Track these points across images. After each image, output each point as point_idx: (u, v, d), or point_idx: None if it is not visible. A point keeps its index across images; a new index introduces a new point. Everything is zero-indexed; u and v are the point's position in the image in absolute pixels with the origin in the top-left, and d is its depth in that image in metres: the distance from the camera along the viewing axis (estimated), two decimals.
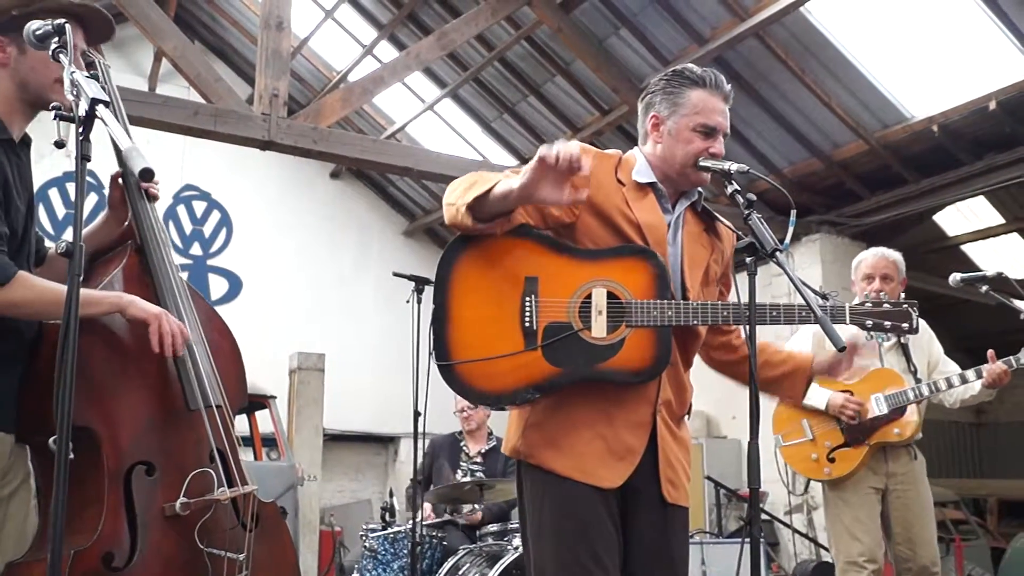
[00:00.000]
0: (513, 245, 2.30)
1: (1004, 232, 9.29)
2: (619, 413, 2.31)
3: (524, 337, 2.23)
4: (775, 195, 7.66)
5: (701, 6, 6.92)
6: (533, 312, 2.25)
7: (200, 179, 11.11)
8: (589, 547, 2.22)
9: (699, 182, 2.46)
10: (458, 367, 2.23)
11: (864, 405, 3.93)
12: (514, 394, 2.24)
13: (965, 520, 8.68)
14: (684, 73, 2.45)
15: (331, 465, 10.84)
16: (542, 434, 2.31)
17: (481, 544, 4.68)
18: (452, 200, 2.26)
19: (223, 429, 2.41)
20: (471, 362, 2.23)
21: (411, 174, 7.46)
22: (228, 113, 6.03)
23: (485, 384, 2.25)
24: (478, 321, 2.26)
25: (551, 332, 2.24)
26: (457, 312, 2.26)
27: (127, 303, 2.26)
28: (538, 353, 2.23)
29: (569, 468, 2.26)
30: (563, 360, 2.23)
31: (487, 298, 2.27)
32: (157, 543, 2.24)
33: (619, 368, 2.25)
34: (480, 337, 2.25)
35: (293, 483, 7.75)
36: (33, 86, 2.26)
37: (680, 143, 2.41)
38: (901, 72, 6.74)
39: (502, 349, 2.23)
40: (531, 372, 2.23)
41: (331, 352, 9.39)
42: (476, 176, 2.27)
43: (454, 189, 2.29)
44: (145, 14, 6.02)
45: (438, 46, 7.30)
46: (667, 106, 2.43)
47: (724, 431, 9.22)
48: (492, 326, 2.25)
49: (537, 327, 2.24)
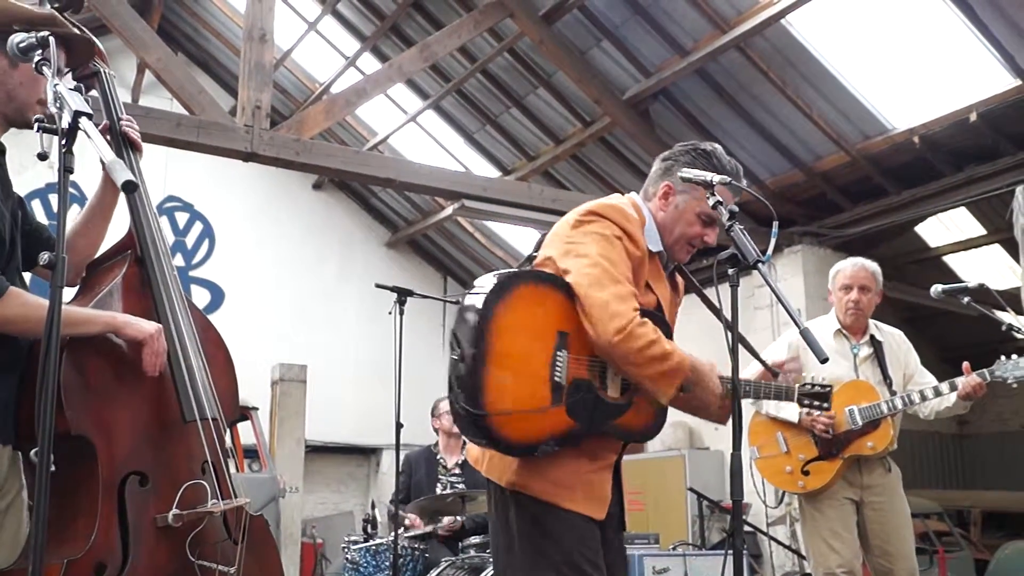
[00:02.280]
0: (548, 298, 2.34)
1: (986, 243, 9.37)
2: (601, 455, 2.42)
3: (552, 391, 2.28)
4: (757, 206, 7.69)
5: (683, 18, 6.95)
6: (563, 368, 2.30)
7: (183, 190, 11.07)
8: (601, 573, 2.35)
9: (681, 260, 2.56)
10: (488, 417, 2.24)
11: (837, 418, 3.91)
12: (539, 445, 2.28)
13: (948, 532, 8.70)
14: (711, 156, 2.51)
15: (313, 477, 10.79)
16: (546, 473, 2.35)
17: (463, 556, 4.65)
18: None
19: (217, 441, 2.41)
20: (504, 414, 2.25)
21: (394, 185, 7.46)
22: (211, 125, 6.01)
23: (513, 434, 2.27)
24: (513, 371, 2.28)
25: (575, 388, 2.31)
26: (492, 361, 2.26)
27: (122, 323, 2.26)
28: (563, 407, 2.29)
29: (570, 501, 2.34)
30: (581, 415, 2.31)
31: (522, 348, 2.30)
32: (149, 554, 2.23)
33: (624, 427, 2.40)
34: (514, 388, 2.26)
35: (275, 495, 7.70)
36: (17, 101, 2.26)
37: (681, 222, 2.50)
38: (882, 84, 6.79)
39: (533, 401, 2.27)
40: (555, 425, 2.29)
41: (313, 363, 9.35)
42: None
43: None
44: (128, 26, 6.00)
45: (420, 58, 7.31)
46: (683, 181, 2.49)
47: (707, 442, 9.23)
48: (525, 377, 2.28)
49: (565, 382, 2.30)
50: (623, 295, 2.28)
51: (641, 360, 2.26)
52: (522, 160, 9.55)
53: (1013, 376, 3.69)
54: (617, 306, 2.25)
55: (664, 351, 2.27)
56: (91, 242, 2.53)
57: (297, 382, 8.97)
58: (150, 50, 6.10)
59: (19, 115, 2.26)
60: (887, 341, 4.13)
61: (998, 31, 5.89)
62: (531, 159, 9.39)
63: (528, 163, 9.40)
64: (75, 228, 2.52)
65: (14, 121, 2.29)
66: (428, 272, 12.85)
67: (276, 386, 8.94)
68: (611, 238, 2.36)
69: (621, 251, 2.36)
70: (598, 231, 2.38)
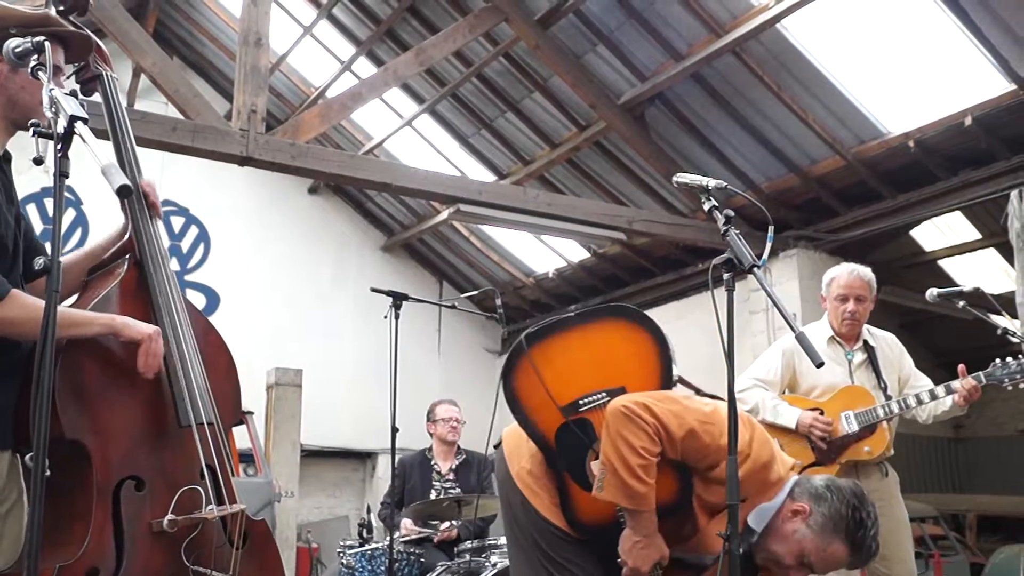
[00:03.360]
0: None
1: (981, 247, 9.38)
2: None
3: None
4: (753, 211, 7.70)
5: (678, 23, 6.96)
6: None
7: (178, 195, 11.05)
8: None
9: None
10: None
11: (833, 424, 3.90)
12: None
13: (944, 535, 8.71)
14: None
15: (308, 481, 10.76)
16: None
17: (459, 561, 4.64)
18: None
19: (214, 446, 2.40)
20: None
21: (389, 190, 7.45)
22: (206, 129, 6.01)
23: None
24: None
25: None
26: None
27: (120, 325, 2.25)
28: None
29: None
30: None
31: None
32: (144, 559, 2.22)
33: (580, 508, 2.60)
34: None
35: (271, 499, 7.70)
36: (21, 105, 2.26)
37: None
38: (877, 88, 6.80)
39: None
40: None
41: (309, 368, 9.35)
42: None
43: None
44: (124, 30, 5.99)
45: (416, 62, 7.31)
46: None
47: None
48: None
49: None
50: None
51: (619, 443, 2.33)
52: (517, 164, 9.55)
53: (1008, 379, 3.70)
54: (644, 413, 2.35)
55: (641, 472, 2.32)
56: (78, 280, 2.50)
57: (292, 386, 8.97)
58: (146, 54, 6.10)
59: (24, 119, 2.26)
60: (880, 346, 4.13)
61: (993, 35, 5.91)
62: (526, 163, 9.40)
63: (523, 167, 9.41)
64: (74, 259, 2.51)
65: (19, 123, 2.29)
66: (424, 276, 12.84)
67: (271, 390, 8.94)
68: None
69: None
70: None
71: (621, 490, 2.32)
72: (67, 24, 2.35)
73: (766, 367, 4.15)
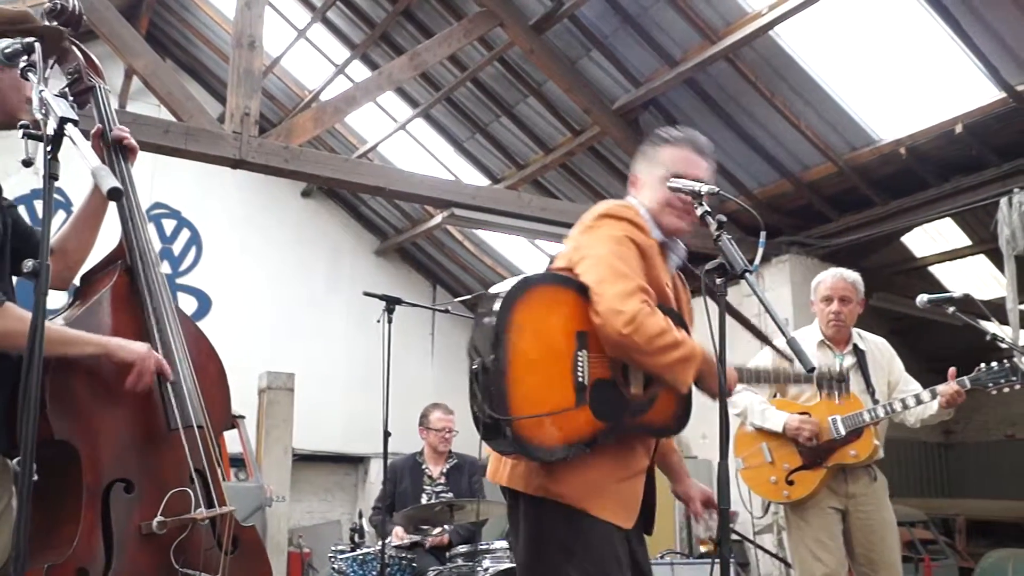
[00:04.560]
0: (565, 299, 2.34)
1: (971, 254, 9.42)
2: (631, 460, 2.42)
3: (576, 392, 2.28)
4: (745, 216, 7.70)
5: (672, 29, 6.98)
6: (585, 368, 2.30)
7: (170, 197, 11.03)
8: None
9: (678, 228, 2.55)
10: (516, 422, 2.22)
11: (821, 427, 3.93)
12: (569, 448, 2.27)
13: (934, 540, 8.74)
14: (666, 134, 2.61)
15: (300, 485, 10.74)
16: (577, 477, 2.32)
17: (451, 565, 4.64)
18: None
19: (204, 450, 2.42)
20: (531, 417, 2.23)
21: (383, 194, 7.45)
22: (199, 131, 6.00)
23: (542, 438, 2.24)
24: (536, 374, 2.27)
25: (598, 387, 2.31)
26: (515, 365, 2.25)
27: (115, 347, 2.28)
28: (587, 407, 2.28)
29: (600, 508, 2.33)
30: (608, 414, 2.31)
31: (542, 351, 2.30)
32: (132, 561, 2.24)
33: (650, 423, 2.42)
34: (538, 391, 2.26)
35: (262, 504, 7.67)
36: (7, 104, 2.26)
37: (653, 193, 2.56)
38: (869, 95, 6.83)
39: (557, 403, 2.26)
40: (582, 426, 2.28)
41: (301, 371, 9.32)
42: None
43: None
44: (116, 32, 5.97)
45: (411, 66, 7.31)
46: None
47: (695, 451, 9.23)
48: (549, 380, 2.28)
49: (588, 383, 2.29)
50: (630, 290, 2.28)
51: (652, 350, 2.26)
52: (512, 169, 9.56)
53: (992, 383, 3.72)
54: (624, 300, 2.25)
55: (675, 339, 2.28)
56: (80, 246, 2.54)
57: (285, 390, 8.94)
58: (138, 56, 6.08)
59: (11, 118, 2.27)
60: (870, 350, 4.15)
61: (983, 44, 5.94)
62: (521, 168, 9.40)
63: (518, 172, 9.41)
64: (65, 232, 2.53)
65: (7, 126, 2.29)
66: (417, 280, 12.83)
67: (263, 394, 8.91)
68: (621, 238, 2.38)
69: (632, 249, 2.38)
70: (608, 232, 2.40)
71: (690, 368, 2.31)
72: (38, 20, 2.37)
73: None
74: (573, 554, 2.29)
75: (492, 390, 2.22)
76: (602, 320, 2.26)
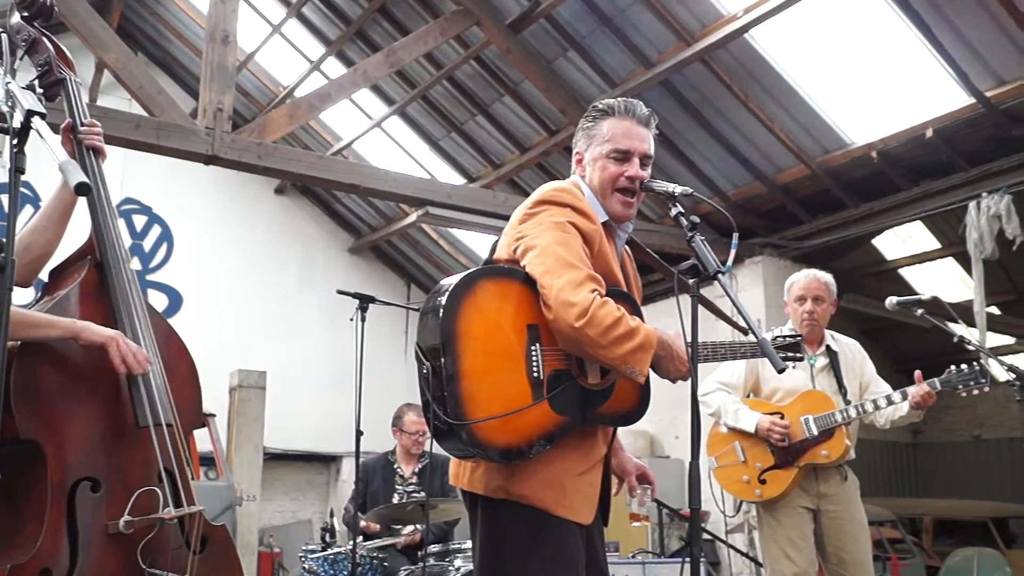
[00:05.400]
0: (512, 292, 2.27)
1: (940, 256, 9.55)
2: (590, 452, 2.35)
3: (532, 387, 2.21)
4: (719, 217, 7.76)
5: (649, 30, 7.01)
6: (539, 362, 2.23)
7: (141, 193, 10.92)
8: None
9: (622, 213, 2.47)
10: (473, 425, 2.14)
11: (792, 427, 3.96)
12: (530, 447, 2.20)
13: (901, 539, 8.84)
14: (605, 108, 2.53)
15: (271, 484, 10.68)
16: (537, 475, 2.26)
17: (423, 564, 4.62)
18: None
19: (172, 448, 2.39)
20: (490, 419, 2.15)
21: (358, 191, 7.42)
22: (171, 127, 5.94)
23: (502, 439, 2.16)
24: (489, 373, 2.19)
25: (554, 380, 2.24)
26: (467, 366, 2.17)
27: (80, 329, 2.25)
28: (545, 403, 2.21)
29: (562, 507, 2.27)
30: (567, 408, 2.24)
31: (494, 349, 2.22)
32: (98, 561, 2.21)
33: (611, 412, 2.33)
34: (493, 390, 2.18)
35: (232, 503, 7.62)
36: None
37: (599, 174, 2.47)
38: (842, 99, 6.90)
39: (514, 401, 2.17)
40: (542, 422, 2.21)
41: (273, 370, 9.27)
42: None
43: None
44: (87, 24, 5.91)
45: (386, 63, 7.29)
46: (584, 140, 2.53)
47: (667, 451, 9.28)
48: (502, 378, 2.20)
49: (543, 377, 2.23)
50: (579, 279, 2.20)
51: (607, 342, 2.16)
52: (487, 168, 9.55)
53: (962, 385, 3.77)
54: (574, 291, 2.17)
55: (629, 328, 2.19)
56: (48, 240, 2.51)
57: (256, 388, 8.89)
58: (109, 49, 6.01)
59: None
60: (842, 351, 4.20)
61: (954, 50, 6.01)
62: (496, 167, 9.40)
63: (493, 171, 9.41)
64: (33, 225, 2.50)
65: None
66: (391, 279, 12.79)
67: (235, 392, 8.85)
68: (563, 224, 2.30)
69: (575, 235, 2.30)
70: (549, 219, 2.32)
71: (646, 356, 2.19)
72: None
73: (730, 371, 4.23)
74: (531, 557, 2.24)
75: (445, 395, 2.14)
76: (554, 315, 2.18)
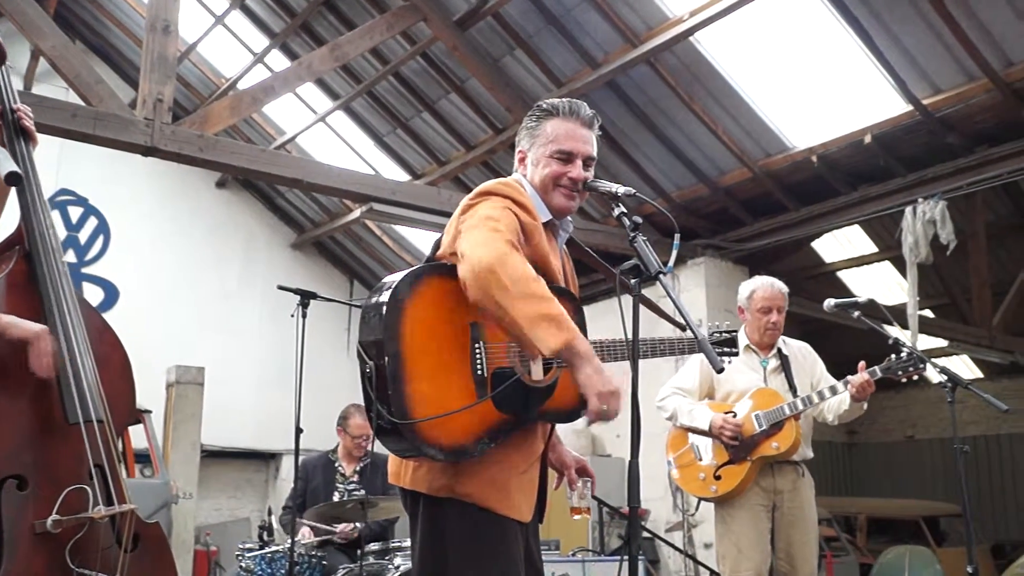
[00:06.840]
0: (453, 289, 2.22)
1: (877, 260, 9.77)
2: (531, 449, 2.34)
3: (476, 386, 2.19)
4: (661, 218, 7.77)
5: (595, 31, 7.04)
6: (483, 360, 2.21)
7: (77, 184, 10.66)
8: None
9: (564, 207, 2.47)
10: (418, 424, 2.11)
11: (744, 424, 4.05)
12: (475, 445, 2.17)
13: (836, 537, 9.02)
14: (549, 108, 2.54)
15: (209, 482, 10.51)
16: (482, 474, 2.23)
17: (362, 563, 4.58)
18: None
19: (103, 445, 2.33)
20: (434, 418, 2.12)
21: (301, 186, 7.32)
22: (109, 116, 5.80)
23: (446, 438, 2.14)
24: (433, 373, 2.16)
25: (498, 378, 2.21)
26: (411, 365, 2.14)
27: (5, 324, 2.21)
28: (490, 401, 2.19)
29: (505, 506, 2.25)
30: (510, 405, 2.22)
31: (438, 347, 2.19)
32: (25, 561, 2.16)
33: (555, 409, 2.31)
34: (436, 389, 2.15)
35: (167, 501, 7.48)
36: None
37: (541, 171, 2.48)
38: (784, 103, 7.00)
39: (458, 400, 2.15)
40: (486, 421, 2.19)
41: (212, 366, 9.12)
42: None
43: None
44: (21, 10, 5.73)
45: (331, 58, 7.21)
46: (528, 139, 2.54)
47: (608, 450, 9.34)
48: (446, 376, 2.17)
49: (487, 374, 2.21)
50: (497, 234, 2.14)
51: (517, 293, 2.05)
52: (432, 165, 9.51)
53: (901, 371, 3.90)
54: (489, 240, 2.12)
55: (546, 294, 2.09)
56: None
57: (194, 384, 8.74)
58: (45, 37, 5.84)
59: None
60: (793, 354, 4.34)
61: (892, 58, 6.14)
62: (441, 164, 9.36)
63: (438, 168, 9.37)
64: None
65: None
66: (334, 275, 12.68)
67: (172, 388, 8.70)
68: (501, 209, 2.28)
69: (511, 217, 2.27)
70: (487, 208, 2.30)
71: (558, 333, 2.04)
72: None
73: (685, 376, 4.37)
74: (474, 556, 2.21)
75: (389, 393, 2.11)
76: (465, 264, 2.11)
